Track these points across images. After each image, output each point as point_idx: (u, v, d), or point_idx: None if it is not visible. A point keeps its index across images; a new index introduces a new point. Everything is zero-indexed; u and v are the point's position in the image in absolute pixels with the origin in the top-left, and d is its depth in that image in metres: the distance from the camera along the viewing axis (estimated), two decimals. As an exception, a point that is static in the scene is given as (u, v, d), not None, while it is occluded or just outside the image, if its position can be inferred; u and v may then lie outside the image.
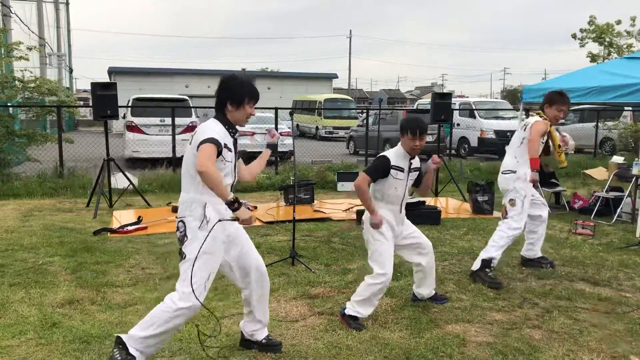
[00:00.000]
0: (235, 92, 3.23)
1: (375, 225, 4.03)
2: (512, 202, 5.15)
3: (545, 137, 5.27)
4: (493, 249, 5.10)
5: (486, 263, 5.03)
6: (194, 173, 3.10)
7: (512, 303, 4.53)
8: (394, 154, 4.13)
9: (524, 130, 5.21)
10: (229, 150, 3.20)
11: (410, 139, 4.04)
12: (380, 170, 4.06)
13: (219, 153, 3.09)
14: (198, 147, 3.05)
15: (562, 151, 5.50)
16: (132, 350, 3.16)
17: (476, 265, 5.10)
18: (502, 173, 5.29)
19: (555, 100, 5.24)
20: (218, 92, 3.27)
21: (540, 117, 5.23)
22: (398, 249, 4.25)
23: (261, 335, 3.58)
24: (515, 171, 5.16)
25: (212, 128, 3.16)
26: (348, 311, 4.03)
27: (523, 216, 5.16)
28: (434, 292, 4.48)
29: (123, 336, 3.20)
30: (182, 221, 3.18)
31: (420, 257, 4.29)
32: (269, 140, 3.78)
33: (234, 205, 3.00)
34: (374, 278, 3.99)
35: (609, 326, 4.08)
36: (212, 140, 3.04)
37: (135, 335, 3.16)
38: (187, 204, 3.18)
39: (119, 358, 3.13)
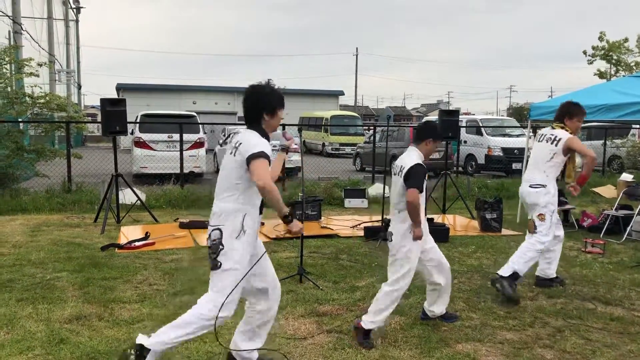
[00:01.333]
0: (268, 102, 3.27)
1: (419, 238, 4.02)
2: (542, 216, 5.12)
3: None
4: (522, 261, 5.04)
5: (516, 275, 4.98)
6: (236, 182, 3.15)
7: (523, 322, 4.48)
8: (421, 160, 4.10)
9: (554, 144, 5.16)
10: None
11: (436, 145, 4.16)
12: (424, 179, 4.05)
13: None
14: (249, 160, 3.06)
15: (576, 169, 5.50)
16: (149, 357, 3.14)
17: (506, 271, 5.00)
18: (531, 187, 5.20)
19: (575, 112, 5.29)
20: (250, 105, 3.28)
21: (566, 130, 5.22)
22: (419, 263, 4.19)
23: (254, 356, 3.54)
24: (546, 185, 5.13)
25: (261, 142, 3.15)
26: (365, 325, 3.98)
27: (551, 231, 5.18)
28: (445, 310, 4.44)
29: (150, 346, 3.14)
30: (218, 229, 3.15)
31: (440, 276, 4.26)
32: (283, 143, 3.74)
33: (288, 218, 3.09)
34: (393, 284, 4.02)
35: (622, 347, 4.02)
36: (264, 156, 3.09)
37: (164, 341, 3.15)
38: (226, 214, 3.16)
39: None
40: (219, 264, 3.13)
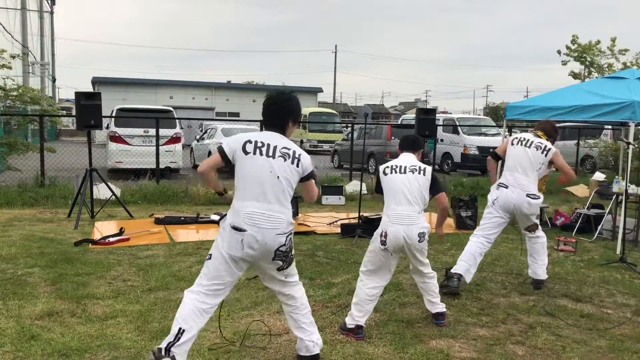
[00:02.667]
0: (299, 113, 3.51)
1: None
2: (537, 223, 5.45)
3: None
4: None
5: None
6: (291, 190, 3.39)
7: (495, 319, 4.54)
8: None
9: (544, 154, 5.29)
10: None
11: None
12: None
13: None
14: (310, 176, 3.47)
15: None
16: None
17: (545, 275, 5.39)
18: (531, 197, 5.21)
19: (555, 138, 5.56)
20: (283, 112, 3.43)
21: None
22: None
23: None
24: (540, 197, 5.30)
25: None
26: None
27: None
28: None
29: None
30: (291, 235, 3.45)
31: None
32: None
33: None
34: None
35: (591, 342, 4.11)
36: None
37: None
38: (291, 221, 3.41)
39: None
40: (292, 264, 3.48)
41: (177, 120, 14.68)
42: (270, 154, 3.31)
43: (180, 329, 3.19)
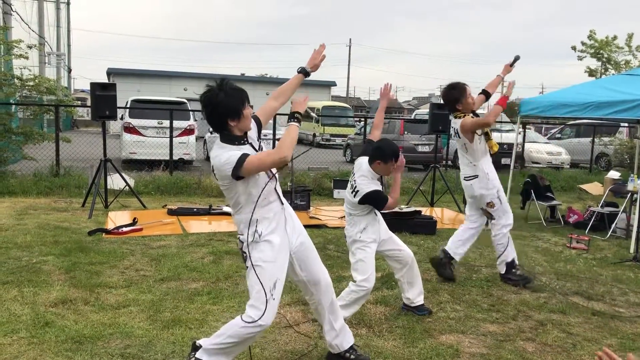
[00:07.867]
0: (230, 108, 3.03)
1: None
2: (490, 203, 5.37)
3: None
4: (508, 250, 5.33)
5: (510, 265, 5.31)
6: (240, 200, 3.12)
7: (506, 315, 4.53)
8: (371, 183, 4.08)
9: (457, 136, 5.38)
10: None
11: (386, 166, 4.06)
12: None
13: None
14: (236, 174, 2.96)
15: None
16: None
17: (502, 269, 5.36)
18: (465, 179, 5.42)
19: (461, 93, 5.34)
20: (209, 117, 3.08)
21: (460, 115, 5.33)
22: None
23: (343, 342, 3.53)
24: (475, 175, 5.33)
25: (229, 155, 2.98)
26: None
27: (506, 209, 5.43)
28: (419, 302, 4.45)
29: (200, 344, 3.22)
30: (239, 239, 3.22)
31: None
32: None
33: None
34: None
35: (602, 341, 4.08)
36: (244, 156, 2.95)
37: (206, 345, 3.17)
38: (241, 224, 3.18)
39: None
40: (247, 268, 3.18)
41: (190, 112, 14.73)
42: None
43: None
